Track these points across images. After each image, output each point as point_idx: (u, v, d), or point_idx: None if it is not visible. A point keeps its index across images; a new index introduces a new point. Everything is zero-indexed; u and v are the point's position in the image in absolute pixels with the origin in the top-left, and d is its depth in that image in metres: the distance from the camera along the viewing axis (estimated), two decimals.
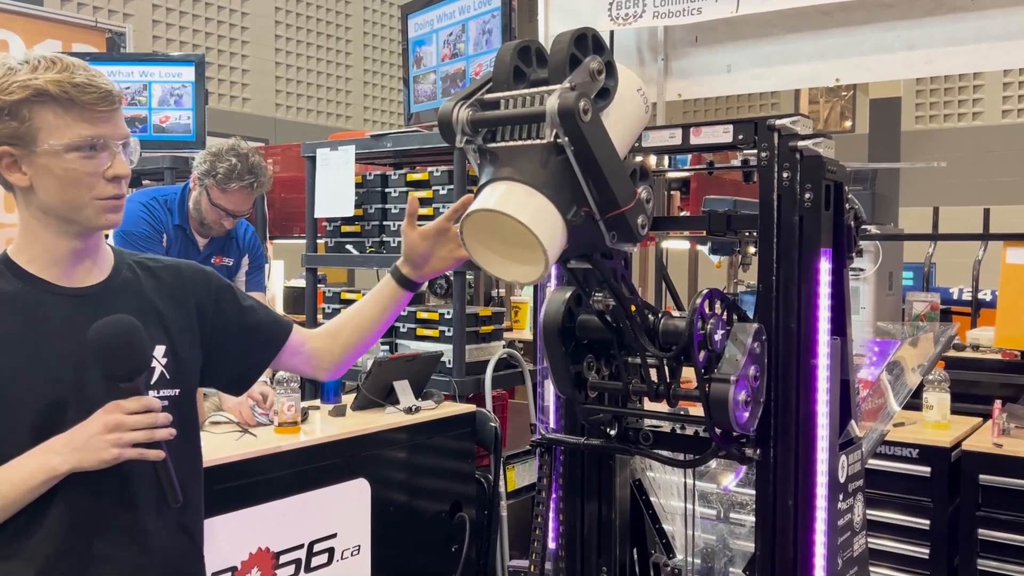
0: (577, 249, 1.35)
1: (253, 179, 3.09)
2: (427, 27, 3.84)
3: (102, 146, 1.37)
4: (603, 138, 1.26)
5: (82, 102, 1.34)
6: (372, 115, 11.05)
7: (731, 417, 1.41)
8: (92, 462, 1.31)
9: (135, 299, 1.47)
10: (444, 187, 3.61)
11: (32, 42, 4.90)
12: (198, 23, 8.87)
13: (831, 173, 1.48)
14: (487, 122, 1.33)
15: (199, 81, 4.49)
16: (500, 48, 1.40)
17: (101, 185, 1.38)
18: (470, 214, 1.30)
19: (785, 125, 1.46)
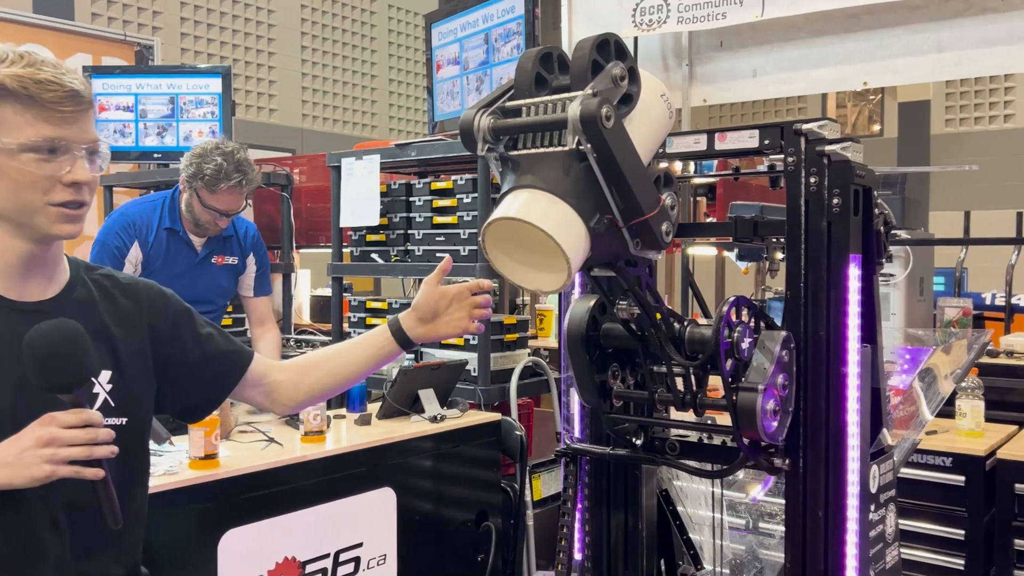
0: (601, 257, 1.33)
1: (241, 176, 3.10)
2: (451, 36, 3.84)
3: (63, 148, 1.28)
4: (626, 145, 1.24)
5: (43, 100, 1.25)
6: (397, 124, 11.10)
7: (759, 426, 1.38)
8: (23, 479, 1.19)
9: (86, 318, 1.35)
10: (468, 195, 3.61)
11: (63, 56, 4.97)
12: (225, 35, 8.96)
13: (859, 178, 1.45)
14: (508, 129, 1.32)
15: (225, 92, 4.53)
16: (522, 55, 1.38)
17: (57, 190, 1.28)
18: (492, 221, 1.28)
19: (812, 130, 1.44)
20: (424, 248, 3.73)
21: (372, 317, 3.88)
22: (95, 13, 7.70)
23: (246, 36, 9.18)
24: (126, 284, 1.49)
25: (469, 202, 3.60)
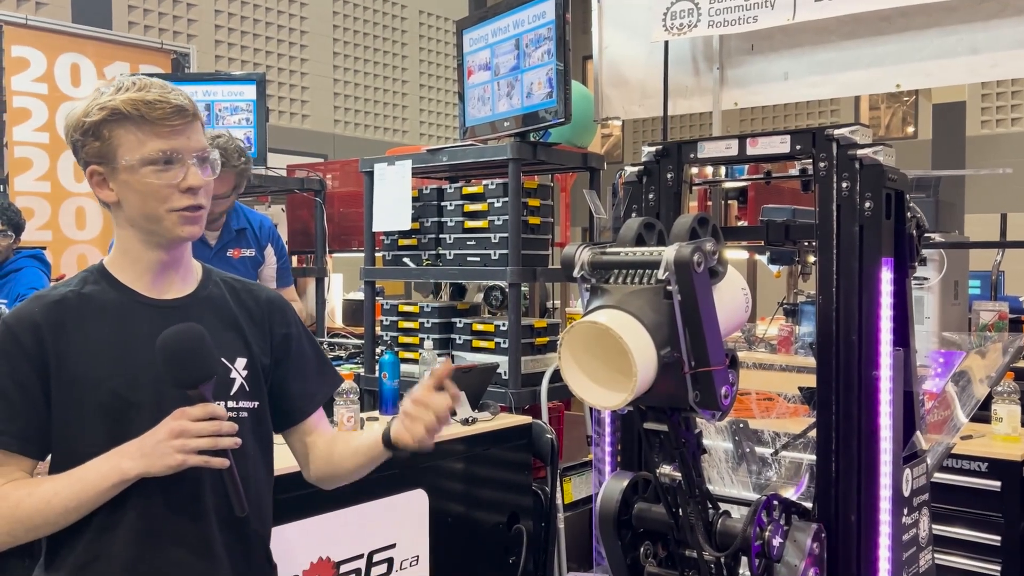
0: (660, 396, 1.38)
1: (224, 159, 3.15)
2: (482, 42, 3.87)
3: (175, 159, 1.43)
4: (709, 296, 1.33)
5: (153, 118, 1.41)
6: (428, 129, 11.17)
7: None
8: (159, 467, 1.34)
9: (219, 312, 1.54)
10: (499, 199, 3.63)
11: (102, 64, 5.07)
12: (259, 42, 9.08)
13: (891, 181, 1.45)
14: (607, 264, 1.42)
15: (260, 99, 4.59)
16: (627, 221, 1.50)
17: (176, 197, 1.44)
18: (575, 325, 1.36)
19: (844, 135, 1.44)
20: (455, 252, 3.76)
21: (404, 320, 3.91)
22: (132, 22, 7.84)
23: (279, 43, 9.30)
24: (252, 287, 1.66)
25: (500, 207, 3.62)
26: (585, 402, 1.42)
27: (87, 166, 1.46)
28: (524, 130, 3.61)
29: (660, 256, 1.33)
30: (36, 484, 1.39)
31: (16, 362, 1.40)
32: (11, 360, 1.41)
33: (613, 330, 1.29)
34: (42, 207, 5.01)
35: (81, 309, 1.45)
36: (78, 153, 1.46)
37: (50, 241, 5.03)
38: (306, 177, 4.80)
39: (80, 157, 1.47)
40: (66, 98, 5.05)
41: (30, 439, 1.41)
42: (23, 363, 1.40)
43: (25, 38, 4.91)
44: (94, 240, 5.15)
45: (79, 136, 1.44)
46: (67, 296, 1.47)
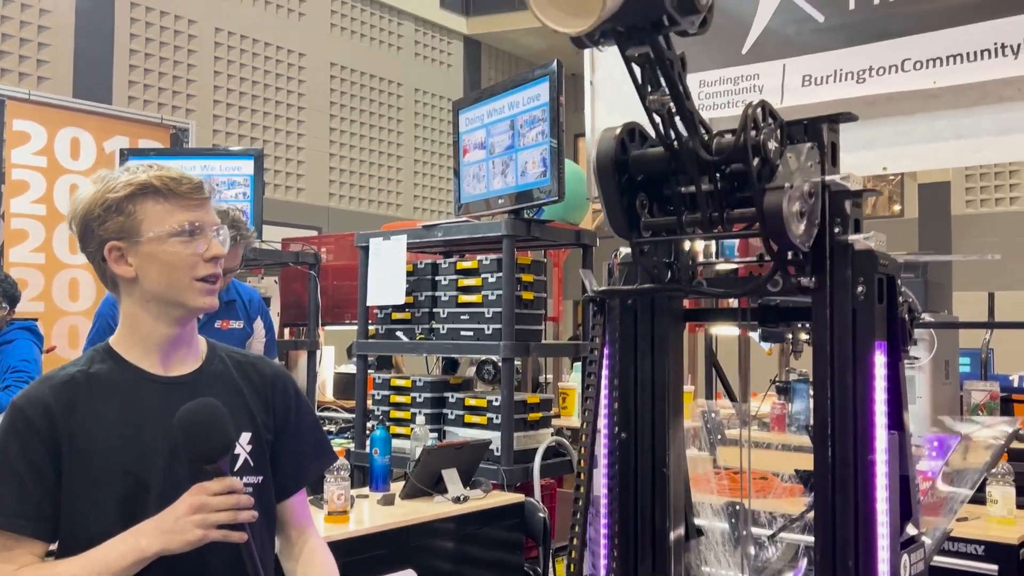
0: (634, 12, 1.28)
1: (235, 232, 3.19)
2: (477, 122, 3.95)
3: (199, 230, 1.49)
4: None
5: (180, 192, 1.48)
6: (422, 203, 11.29)
7: (786, 227, 1.39)
8: (179, 544, 1.35)
9: (225, 387, 1.56)
10: (493, 275, 3.66)
11: (102, 139, 5.15)
12: (256, 117, 9.23)
13: (883, 266, 1.48)
14: None
15: (257, 174, 4.65)
16: None
17: (201, 266, 1.49)
18: None
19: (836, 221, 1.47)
20: (449, 326, 3.77)
21: (396, 395, 3.90)
22: (132, 96, 7.97)
23: (276, 118, 9.45)
24: (256, 360, 1.68)
25: (493, 282, 3.65)
26: (559, 30, 1.33)
27: (103, 244, 1.47)
28: (518, 207, 3.66)
29: None
30: (51, 568, 1.39)
31: (28, 443, 1.41)
32: (23, 442, 1.41)
33: None
34: (36, 278, 5.01)
35: (90, 388, 1.47)
36: (93, 233, 1.48)
37: (42, 312, 5.02)
38: (301, 251, 4.83)
39: (95, 236, 1.48)
40: (64, 171, 5.11)
41: (43, 521, 1.41)
42: (35, 444, 1.41)
43: (27, 112, 4.99)
44: (86, 311, 5.14)
45: (100, 212, 1.46)
46: (75, 376, 1.48)
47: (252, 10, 9.19)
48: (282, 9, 9.54)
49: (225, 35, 8.91)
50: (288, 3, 9.61)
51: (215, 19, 8.81)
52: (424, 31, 11.36)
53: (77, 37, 7.59)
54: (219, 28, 8.86)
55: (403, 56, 11.04)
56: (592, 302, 1.78)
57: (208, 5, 8.74)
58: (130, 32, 8.06)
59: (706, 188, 1.54)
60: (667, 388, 1.75)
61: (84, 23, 7.67)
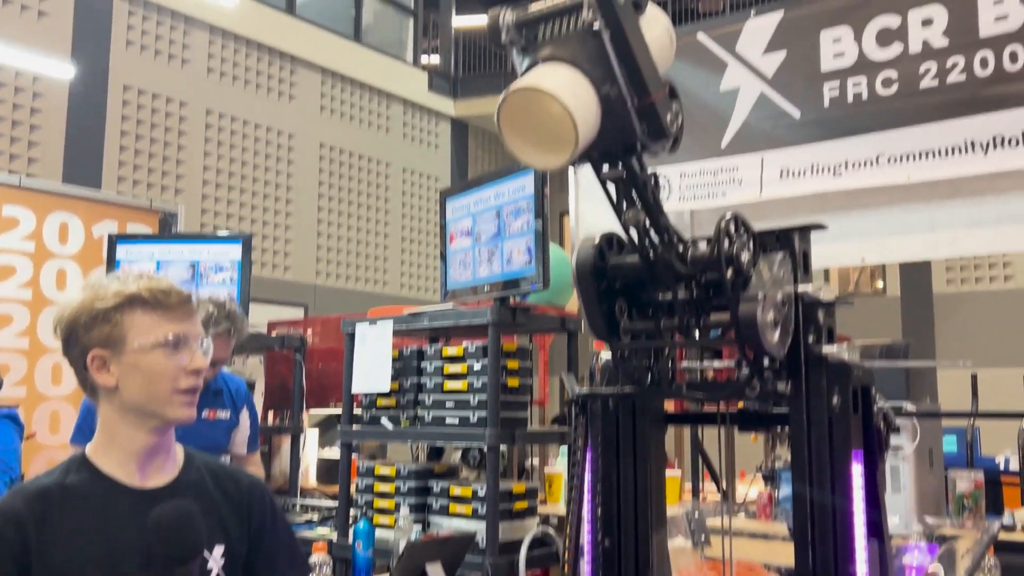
0: (608, 140, 1.37)
1: (230, 324, 3.19)
2: (464, 210, 4.01)
3: (184, 342, 1.51)
4: (636, 27, 1.33)
5: (168, 304, 1.51)
6: (409, 280, 11.35)
7: (761, 336, 1.41)
8: None
9: (201, 498, 1.56)
10: (478, 361, 3.66)
11: (91, 223, 5.18)
12: (245, 196, 9.33)
13: (858, 377, 1.51)
14: (530, 20, 1.41)
15: (245, 258, 4.68)
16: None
17: (183, 378, 1.51)
18: (504, 98, 1.33)
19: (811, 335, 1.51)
20: (434, 414, 3.76)
21: (380, 483, 3.86)
22: (121, 176, 8.07)
23: (265, 197, 9.56)
24: (233, 472, 1.69)
25: (479, 369, 3.65)
26: (536, 167, 1.39)
27: (87, 351, 1.49)
28: (504, 294, 3.70)
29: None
30: None
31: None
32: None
33: (540, 87, 1.27)
34: (19, 363, 4.99)
35: (64, 501, 1.46)
36: (77, 339, 1.50)
37: (24, 397, 4.98)
38: (287, 335, 4.84)
39: (79, 343, 1.50)
40: (52, 256, 5.13)
41: None
42: (6, 559, 1.40)
43: (16, 198, 5.03)
44: (68, 397, 5.11)
45: (87, 320, 1.48)
46: (50, 488, 1.48)
47: (243, 92, 9.37)
48: (272, 92, 9.74)
49: (216, 116, 9.07)
50: (279, 86, 9.81)
51: (206, 101, 8.98)
52: (412, 113, 11.59)
53: (69, 120, 7.71)
54: (210, 110, 9.02)
55: (391, 137, 11.24)
56: (574, 404, 1.80)
57: (200, 87, 8.92)
58: (122, 114, 8.20)
59: (682, 296, 1.58)
60: (649, 493, 1.76)
61: (77, 105, 7.81)
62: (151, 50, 8.54)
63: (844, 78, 3.33)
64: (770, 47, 3.49)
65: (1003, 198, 3.12)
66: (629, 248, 1.66)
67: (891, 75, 3.26)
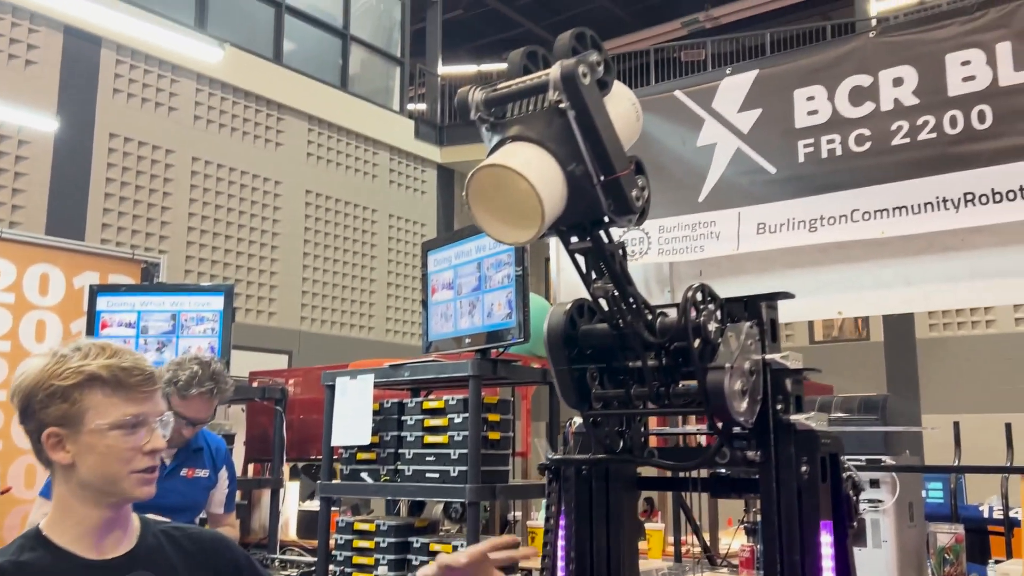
0: (575, 214, 1.40)
1: (213, 385, 3.19)
2: (445, 263, 4.03)
3: (143, 423, 1.49)
4: (600, 105, 1.36)
5: (128, 383, 1.48)
6: (394, 325, 11.33)
7: (729, 405, 1.43)
8: None
9: (160, 567, 1.54)
10: (459, 415, 3.66)
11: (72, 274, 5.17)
12: (230, 243, 9.33)
13: (826, 445, 1.52)
14: (498, 99, 1.44)
15: (227, 309, 4.68)
16: (510, 55, 1.52)
17: (139, 459, 1.49)
18: (473, 175, 1.36)
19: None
20: (414, 468, 3.74)
21: (359, 539, 3.82)
22: (105, 224, 8.06)
23: (250, 244, 9.56)
24: (192, 533, 1.67)
25: (460, 422, 3.64)
26: (504, 242, 1.42)
27: (42, 428, 1.47)
28: (485, 347, 3.70)
29: (548, 77, 1.35)
30: None
31: None
32: None
33: (507, 165, 1.29)
34: None
35: None
36: (34, 415, 1.48)
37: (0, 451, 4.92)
38: (268, 385, 4.82)
39: (35, 418, 1.48)
40: (32, 307, 5.11)
41: None
42: None
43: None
44: None
45: (43, 396, 1.46)
46: (4, 567, 1.46)
47: (230, 140, 9.43)
48: (259, 139, 9.80)
49: (202, 164, 9.11)
50: (266, 133, 9.87)
51: (193, 149, 9.02)
52: (399, 160, 11.67)
53: (54, 169, 7.73)
54: (196, 157, 9.06)
55: (378, 184, 11.30)
56: (547, 470, 1.81)
57: (187, 135, 8.97)
58: (107, 162, 8.22)
59: (652, 364, 1.59)
60: (622, 558, 1.75)
61: (62, 154, 7.83)
62: (138, 98, 8.59)
63: (818, 135, 3.39)
64: (745, 105, 3.56)
65: (975, 253, 3.16)
66: (600, 315, 1.68)
67: (864, 132, 3.33)
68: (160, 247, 8.35)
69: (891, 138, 3.27)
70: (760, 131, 3.53)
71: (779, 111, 3.50)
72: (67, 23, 7.98)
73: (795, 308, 3.49)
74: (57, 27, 7.96)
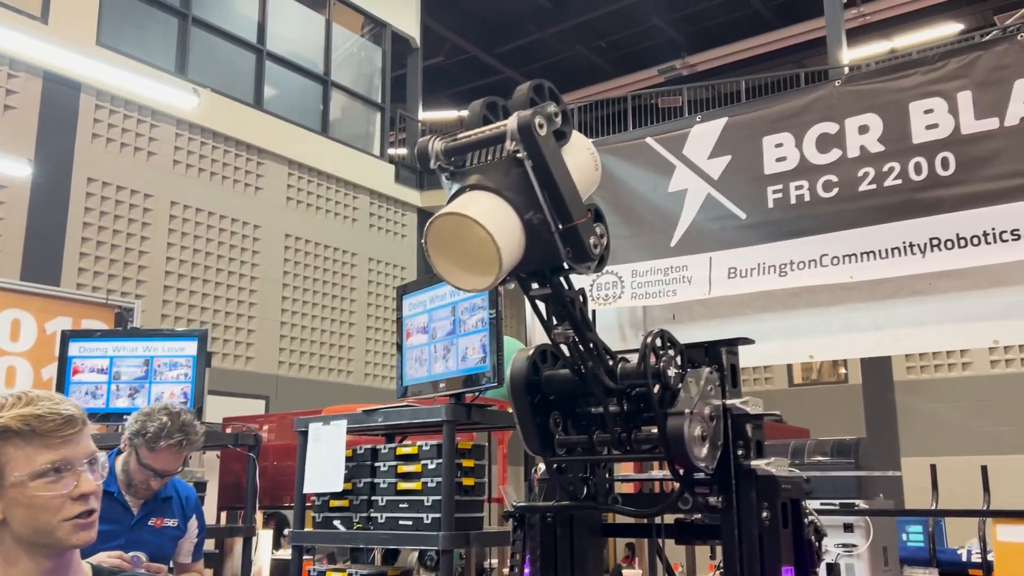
0: (534, 262, 1.42)
1: (183, 437, 3.14)
2: (420, 307, 4.03)
3: (66, 467, 1.45)
4: (558, 156, 1.39)
5: (43, 431, 1.44)
6: (373, 369, 11.27)
7: (688, 450, 1.43)
8: None
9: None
10: (433, 461, 3.63)
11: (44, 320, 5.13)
12: (208, 287, 9.29)
13: (786, 490, 1.52)
14: (457, 149, 1.46)
15: (201, 354, 4.64)
16: (470, 105, 1.55)
17: (68, 506, 1.44)
18: (431, 223, 1.38)
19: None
20: (387, 515, 3.70)
21: None
22: (82, 268, 8.02)
23: (228, 288, 9.52)
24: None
25: (434, 468, 3.62)
26: (463, 289, 1.43)
27: None
28: (459, 392, 3.69)
29: (506, 128, 1.38)
30: None
31: None
32: None
33: (464, 214, 1.31)
34: None
35: None
36: None
37: None
38: (241, 432, 4.76)
39: None
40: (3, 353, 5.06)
41: None
42: None
43: None
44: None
45: None
46: None
47: (209, 184, 9.44)
48: (239, 184, 9.81)
49: (180, 208, 9.10)
50: (245, 177, 9.89)
51: (171, 193, 9.02)
52: (379, 203, 11.71)
53: (30, 214, 7.70)
54: (175, 202, 9.05)
55: (358, 227, 11.32)
56: (511, 517, 1.80)
57: (165, 179, 8.97)
58: (84, 207, 8.20)
59: (614, 409, 1.60)
60: None
61: (38, 200, 7.81)
62: (117, 143, 8.60)
63: (787, 181, 3.44)
64: (715, 151, 3.61)
65: (943, 297, 3.20)
66: (562, 361, 1.68)
67: (831, 179, 3.38)
68: (137, 291, 8.30)
69: (858, 184, 3.32)
70: (730, 177, 3.58)
71: (748, 158, 3.56)
72: (47, 68, 8.01)
73: (768, 352, 3.52)
74: (37, 72, 7.99)
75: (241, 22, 10.30)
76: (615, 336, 3.95)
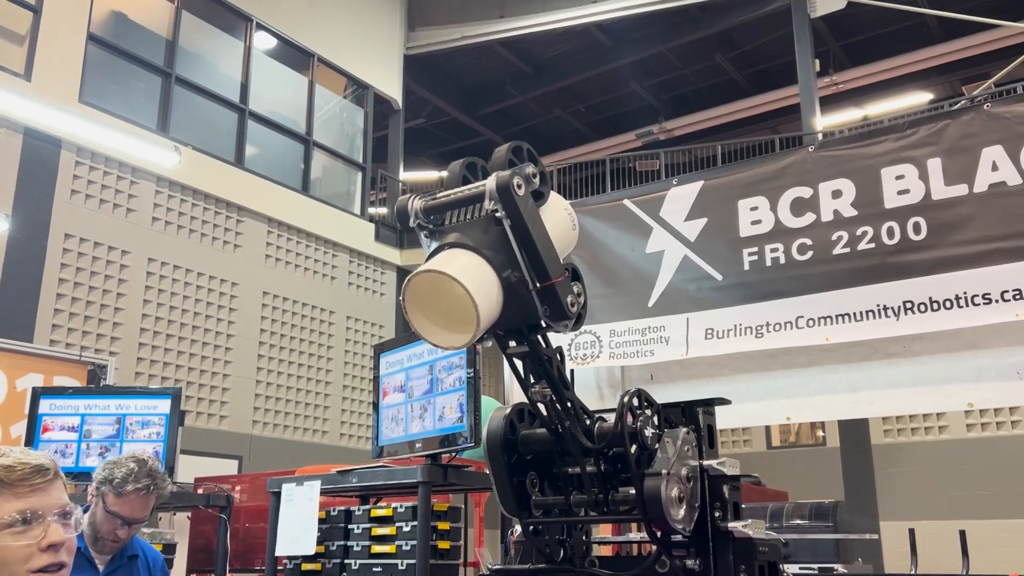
0: (512, 319, 1.42)
1: (150, 482, 3.08)
2: (397, 365, 4.01)
3: (35, 517, 1.42)
4: (535, 215, 1.40)
5: (11, 480, 1.42)
6: (349, 429, 11.14)
7: (666, 512, 1.42)
8: None
9: None
10: (408, 523, 3.57)
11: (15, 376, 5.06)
12: (183, 345, 9.20)
13: (763, 553, 1.51)
14: (436, 207, 1.48)
15: (174, 412, 4.58)
16: (450, 165, 1.57)
17: (36, 557, 1.41)
18: (410, 280, 1.38)
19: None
20: None
21: None
22: (56, 324, 7.92)
23: (204, 346, 9.43)
24: None
25: (408, 531, 3.56)
26: (440, 346, 1.42)
27: None
28: (435, 452, 3.65)
29: (485, 187, 1.39)
30: None
31: None
32: None
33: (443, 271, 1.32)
34: None
35: None
36: None
37: None
38: (213, 492, 4.68)
39: None
40: None
41: None
42: None
43: None
44: None
45: None
46: None
47: (187, 241, 9.41)
48: (217, 241, 9.79)
49: (158, 265, 9.06)
50: (224, 235, 9.88)
51: (149, 250, 8.98)
52: (359, 262, 11.72)
53: (5, 270, 7.63)
54: (152, 258, 9.01)
55: (337, 285, 11.30)
56: None
57: (143, 236, 8.94)
58: (61, 262, 8.14)
59: (591, 470, 1.59)
60: None
61: (14, 255, 7.74)
62: (96, 199, 8.59)
63: (762, 244, 3.49)
64: (692, 214, 3.66)
65: (917, 360, 3.23)
66: (539, 420, 1.68)
67: (806, 242, 3.43)
68: (111, 348, 8.20)
69: (832, 247, 3.37)
70: (706, 239, 3.62)
71: (724, 220, 3.61)
72: (28, 125, 8.02)
73: (745, 413, 3.52)
74: (18, 129, 8.00)
75: (224, 82, 10.40)
76: (593, 396, 3.94)
